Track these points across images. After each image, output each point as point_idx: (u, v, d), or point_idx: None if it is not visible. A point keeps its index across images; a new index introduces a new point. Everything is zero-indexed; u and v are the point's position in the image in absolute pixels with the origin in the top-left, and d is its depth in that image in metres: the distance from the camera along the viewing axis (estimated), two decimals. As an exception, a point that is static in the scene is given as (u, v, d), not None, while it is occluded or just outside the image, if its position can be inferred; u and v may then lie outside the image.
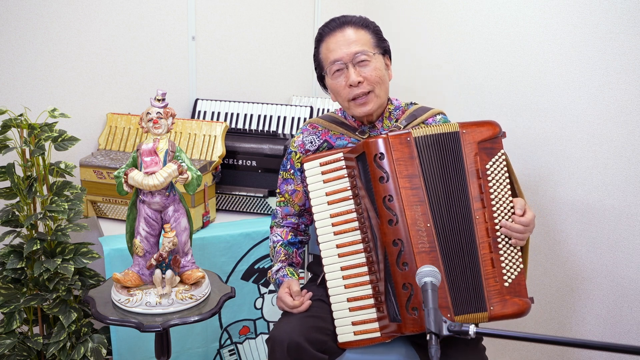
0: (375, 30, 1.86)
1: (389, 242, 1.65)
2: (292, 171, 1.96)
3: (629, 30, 1.84)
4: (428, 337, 1.23)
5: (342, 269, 1.76)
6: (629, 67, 1.85)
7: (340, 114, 1.97)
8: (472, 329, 1.24)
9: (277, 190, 1.99)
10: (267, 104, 2.73)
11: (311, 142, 1.93)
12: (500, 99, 2.30)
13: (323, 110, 2.80)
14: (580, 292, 2.07)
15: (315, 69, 1.92)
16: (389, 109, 1.92)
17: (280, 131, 2.67)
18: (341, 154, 1.80)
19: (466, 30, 2.44)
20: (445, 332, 1.24)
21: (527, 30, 2.17)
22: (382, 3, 2.91)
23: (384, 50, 1.87)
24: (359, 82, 1.79)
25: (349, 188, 1.78)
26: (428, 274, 1.36)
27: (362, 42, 1.81)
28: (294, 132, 2.66)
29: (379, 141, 1.69)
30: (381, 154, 1.68)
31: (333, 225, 1.78)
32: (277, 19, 2.90)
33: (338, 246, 1.77)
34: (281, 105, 2.72)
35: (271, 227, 2.01)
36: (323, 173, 1.81)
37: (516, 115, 2.23)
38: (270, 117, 2.70)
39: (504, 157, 1.71)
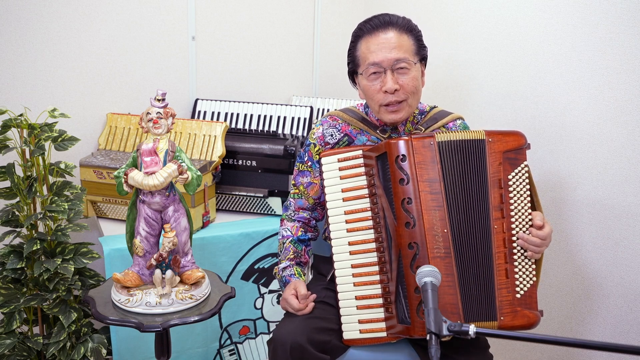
0: (417, 36, 1.82)
1: (405, 244, 1.65)
2: (309, 163, 1.93)
3: (629, 30, 1.84)
4: (428, 337, 1.23)
5: (353, 266, 1.75)
6: (629, 67, 1.85)
7: (362, 110, 1.94)
8: (472, 329, 1.24)
9: (292, 182, 1.97)
10: (267, 104, 2.73)
11: (331, 135, 1.90)
12: (500, 99, 2.30)
13: (323, 110, 2.80)
14: (580, 291, 2.08)
15: (348, 63, 1.87)
16: (414, 113, 1.90)
17: (280, 131, 2.67)
18: (360, 151, 1.77)
19: (466, 30, 2.44)
20: (445, 332, 1.24)
21: (527, 30, 2.17)
22: (381, 3, 2.91)
23: (422, 57, 1.83)
24: (395, 90, 1.76)
25: (366, 186, 1.76)
26: (428, 274, 1.36)
27: (404, 48, 1.76)
28: (294, 132, 2.66)
29: (402, 143, 1.67)
30: (403, 155, 1.67)
31: (347, 222, 1.77)
32: (277, 19, 2.89)
33: (350, 243, 1.76)
34: (281, 105, 2.72)
35: (282, 220, 1.99)
36: (340, 169, 1.79)
37: (516, 115, 2.23)
38: (270, 117, 2.70)
39: (526, 168, 1.70)
